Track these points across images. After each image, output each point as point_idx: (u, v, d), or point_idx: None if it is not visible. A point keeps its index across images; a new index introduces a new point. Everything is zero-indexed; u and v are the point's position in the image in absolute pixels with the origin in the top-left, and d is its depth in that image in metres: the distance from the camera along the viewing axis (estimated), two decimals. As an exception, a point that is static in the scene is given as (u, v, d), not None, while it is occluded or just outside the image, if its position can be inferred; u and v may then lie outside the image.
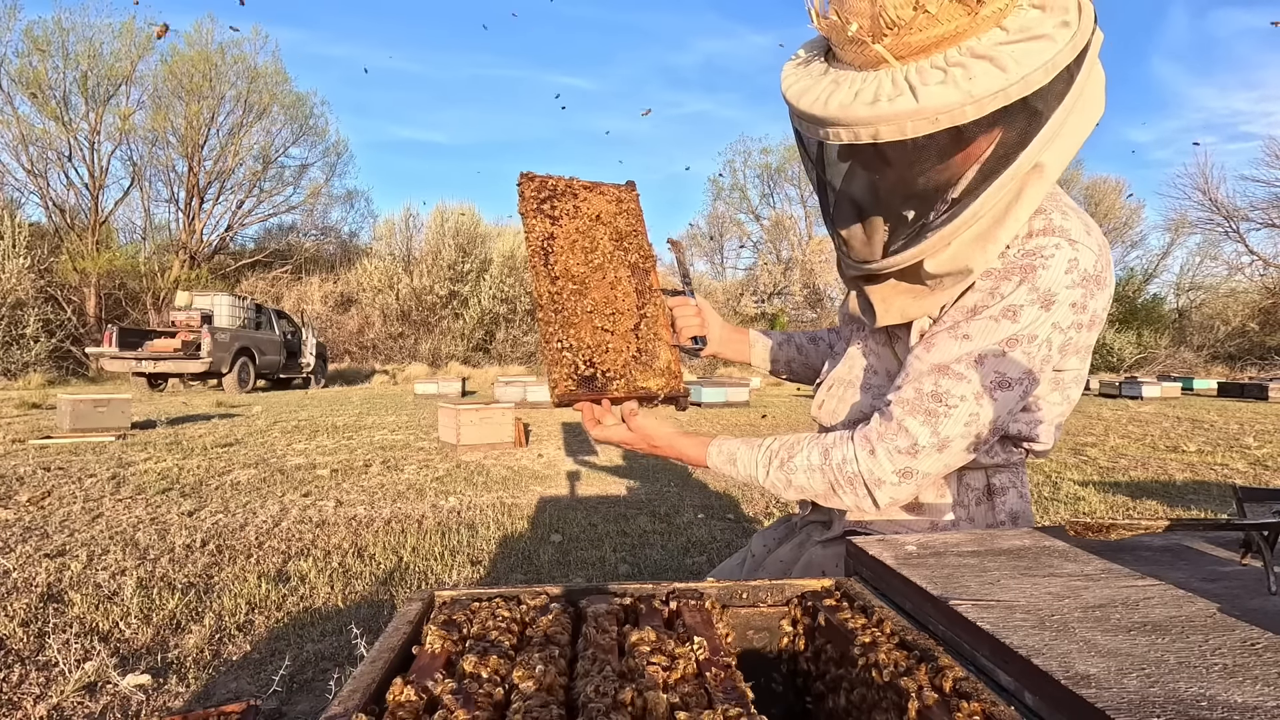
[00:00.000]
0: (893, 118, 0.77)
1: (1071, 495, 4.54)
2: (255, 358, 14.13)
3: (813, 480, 0.97)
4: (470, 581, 2.91)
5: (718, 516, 4.04)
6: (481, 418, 6.22)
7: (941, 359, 0.90)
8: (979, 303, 0.89)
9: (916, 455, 0.90)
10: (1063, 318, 0.87)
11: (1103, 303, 0.91)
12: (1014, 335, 0.86)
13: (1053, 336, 0.87)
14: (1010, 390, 0.88)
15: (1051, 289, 0.85)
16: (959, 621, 0.62)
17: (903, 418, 0.90)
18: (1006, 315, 0.86)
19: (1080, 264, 0.86)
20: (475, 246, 26.83)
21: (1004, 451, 1.03)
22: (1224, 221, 27.32)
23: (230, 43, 22.84)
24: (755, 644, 0.78)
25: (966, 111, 0.76)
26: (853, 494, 0.95)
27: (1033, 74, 0.76)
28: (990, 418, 0.89)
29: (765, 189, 31.80)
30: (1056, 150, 0.83)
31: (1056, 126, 0.80)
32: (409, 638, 0.64)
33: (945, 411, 0.88)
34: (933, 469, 0.91)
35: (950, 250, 0.88)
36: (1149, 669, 0.51)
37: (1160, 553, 0.80)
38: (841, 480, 0.95)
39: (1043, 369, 0.89)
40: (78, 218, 21.57)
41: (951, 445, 0.89)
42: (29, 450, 5.83)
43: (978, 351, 0.87)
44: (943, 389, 0.89)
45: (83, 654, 2.09)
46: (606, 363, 1.07)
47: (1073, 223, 0.88)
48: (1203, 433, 8.01)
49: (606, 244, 1.15)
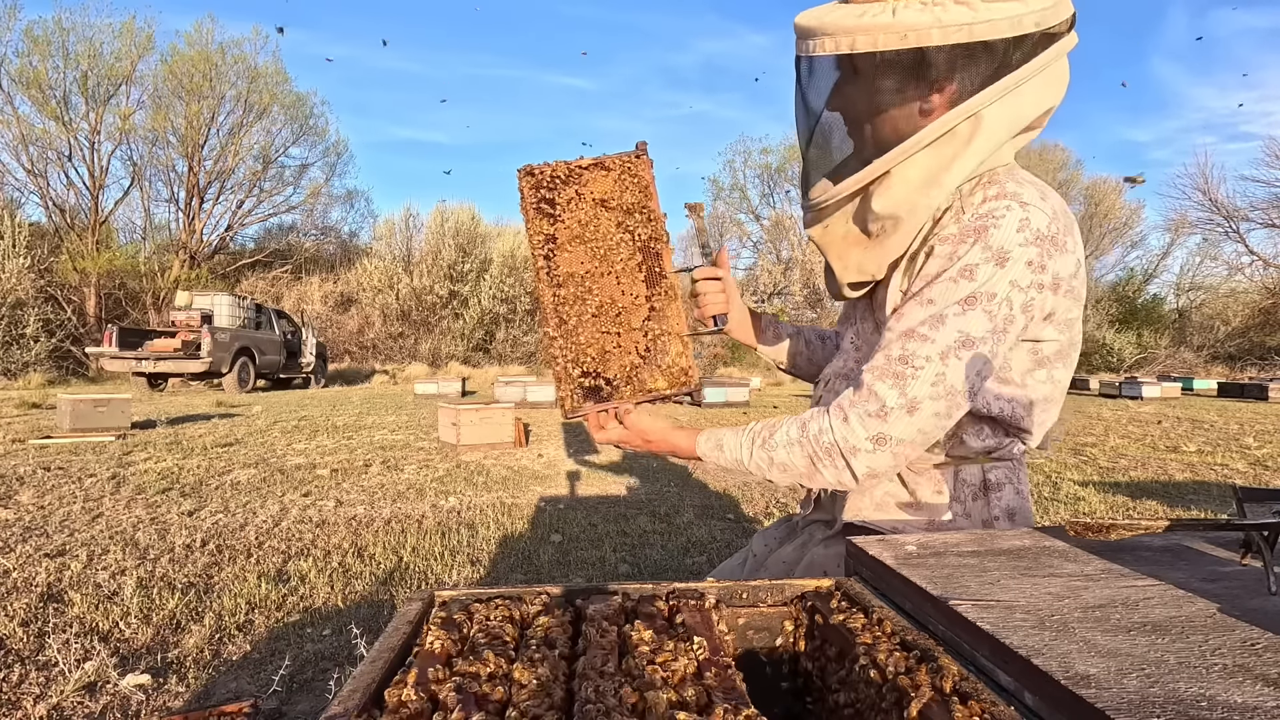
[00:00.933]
0: (869, 29, 0.89)
1: (1071, 495, 4.54)
2: (255, 358, 14.13)
3: (793, 455, 0.97)
4: (470, 581, 2.91)
5: (718, 516, 4.04)
6: (481, 418, 6.22)
7: (908, 325, 0.93)
8: (939, 268, 0.92)
9: (886, 418, 0.91)
10: (1020, 275, 0.89)
11: (1066, 267, 0.92)
12: (972, 293, 0.89)
13: (1012, 295, 0.89)
14: (974, 349, 0.90)
15: (1004, 246, 0.89)
16: (959, 621, 0.62)
17: (872, 383, 0.93)
18: (964, 275, 0.90)
19: (1032, 223, 0.89)
20: (475, 246, 26.82)
21: (995, 437, 1.02)
22: (1224, 221, 27.33)
23: (230, 42, 22.87)
24: (755, 644, 0.78)
25: (933, 34, 0.87)
26: (831, 466, 0.95)
27: (999, 21, 0.87)
28: (958, 377, 0.90)
29: (765, 189, 31.81)
30: (1004, 112, 0.90)
31: (1009, 85, 0.89)
32: (409, 638, 0.64)
33: (912, 373, 0.90)
34: (906, 434, 0.91)
35: (894, 191, 0.94)
36: (1149, 669, 0.51)
37: (1160, 553, 0.80)
38: (819, 452, 0.95)
39: (1006, 328, 0.90)
40: (78, 218, 21.56)
41: (921, 407, 0.90)
42: (29, 450, 5.83)
43: (939, 313, 0.90)
44: (909, 351, 0.91)
45: (83, 654, 2.09)
46: (611, 370, 1.05)
47: (1026, 189, 0.92)
48: (1203, 433, 8.01)
49: (612, 230, 1.09)
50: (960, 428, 1.02)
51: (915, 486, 1.05)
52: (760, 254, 30.15)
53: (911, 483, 1.05)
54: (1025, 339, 0.96)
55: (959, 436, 1.03)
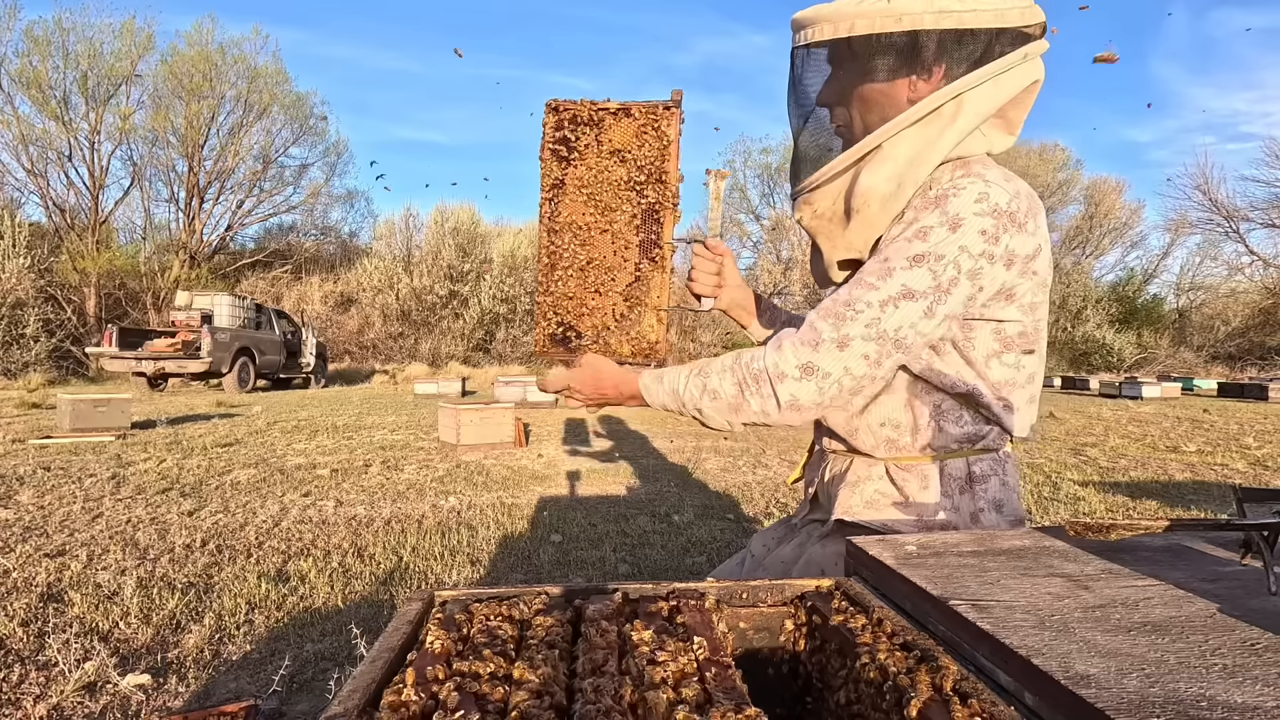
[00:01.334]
0: (868, 14, 0.96)
1: (1071, 495, 4.54)
2: (255, 358, 14.12)
3: (724, 381, 0.99)
4: (470, 581, 2.91)
5: (717, 516, 4.04)
6: (481, 418, 6.22)
7: (860, 275, 0.98)
8: (899, 232, 0.97)
9: (818, 349, 0.95)
10: (971, 243, 0.93)
11: (1023, 247, 0.96)
12: (922, 253, 0.94)
13: (960, 259, 0.93)
14: (914, 301, 0.93)
15: (959, 214, 0.93)
16: (959, 622, 0.62)
17: (814, 320, 0.97)
18: (918, 235, 0.94)
19: (991, 198, 0.94)
20: (475, 246, 26.83)
21: (975, 424, 1.04)
22: (1224, 221, 27.33)
23: (230, 42, 22.87)
24: (755, 644, 0.78)
25: (925, 19, 0.94)
26: (757, 394, 0.97)
27: (984, 12, 0.94)
28: (891, 325, 0.94)
29: (765, 189, 31.81)
30: (984, 97, 0.96)
31: (992, 72, 0.95)
32: (409, 638, 0.64)
33: (851, 315, 0.95)
34: (833, 369, 0.94)
35: (884, 167, 0.98)
36: (1149, 669, 0.51)
37: (1160, 553, 0.80)
38: (749, 378, 0.98)
39: (950, 289, 0.94)
40: (78, 218, 21.56)
41: (851, 345, 0.94)
42: (29, 450, 5.83)
43: (889, 267, 0.95)
44: (853, 296, 0.96)
45: (83, 654, 2.09)
46: (584, 325, 1.06)
47: (992, 171, 0.97)
48: (1203, 433, 8.01)
49: (621, 185, 1.07)
50: (940, 414, 1.04)
51: (903, 483, 1.07)
52: (760, 254, 30.16)
53: (900, 479, 1.07)
54: (986, 318, 0.99)
55: (939, 424, 1.04)
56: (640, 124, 1.09)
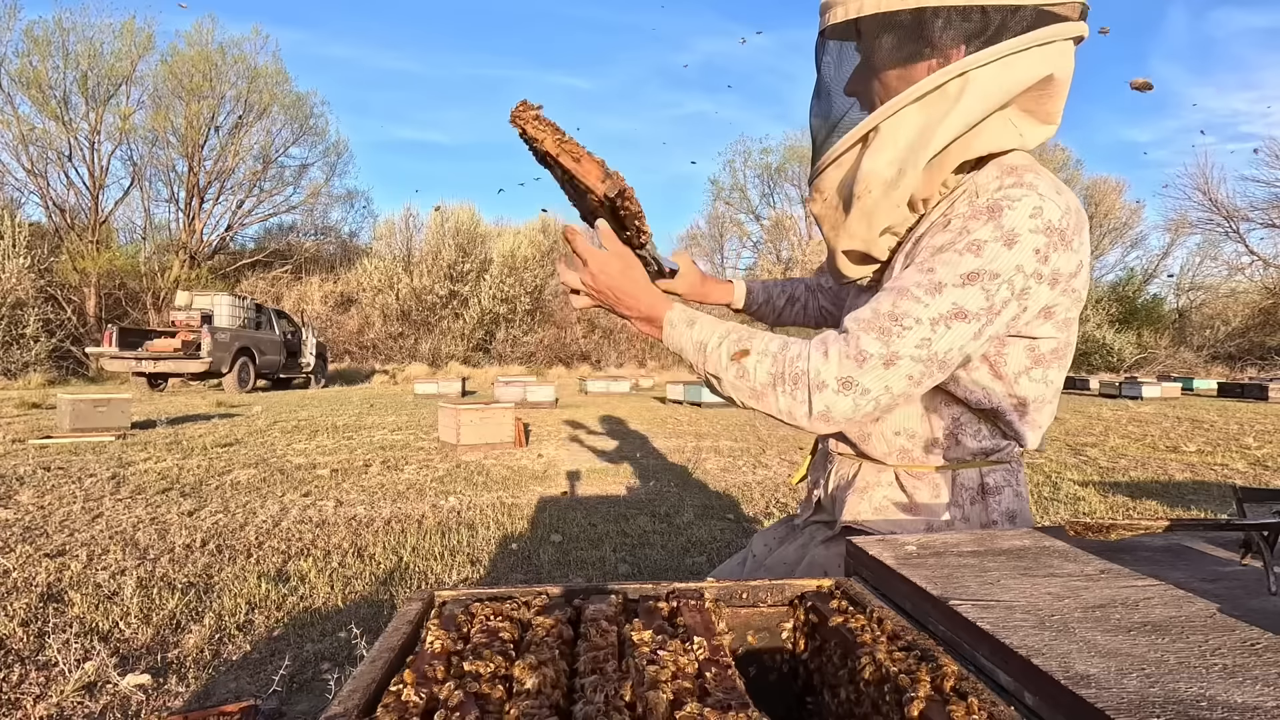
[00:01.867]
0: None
1: (1071, 495, 4.54)
2: (255, 358, 14.12)
3: (761, 365, 0.93)
4: (470, 581, 2.91)
5: (718, 516, 4.04)
6: (481, 418, 6.22)
7: (904, 285, 0.91)
8: (947, 241, 0.91)
9: (863, 364, 0.89)
10: (1025, 261, 0.88)
11: (1067, 265, 0.91)
12: (976, 270, 0.88)
13: (1014, 278, 0.88)
14: (967, 323, 0.88)
15: (1015, 229, 0.88)
16: (959, 621, 0.62)
17: (858, 333, 0.90)
18: (970, 249, 0.89)
19: (1045, 213, 0.89)
20: (475, 246, 26.84)
21: (992, 439, 1.02)
22: (1224, 222, 27.33)
23: (230, 42, 22.88)
24: (755, 644, 0.78)
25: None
26: (790, 395, 0.91)
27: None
28: (943, 346, 0.88)
29: (765, 189, 31.84)
30: (995, 78, 0.89)
31: (1000, 51, 0.88)
32: (409, 638, 0.64)
33: (900, 331, 0.88)
34: (873, 386, 0.89)
35: (884, 150, 0.93)
36: (1149, 669, 0.51)
37: (1160, 553, 0.80)
38: (787, 374, 0.91)
39: (1002, 310, 0.89)
40: (78, 218, 21.56)
41: (899, 364, 0.88)
42: (29, 450, 5.83)
43: (939, 281, 0.89)
44: (901, 310, 0.89)
45: (83, 654, 2.09)
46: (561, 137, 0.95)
47: (1043, 181, 0.91)
48: (1203, 433, 8.01)
49: None
50: (958, 427, 1.02)
51: (913, 490, 1.05)
52: (760, 254, 30.17)
53: (910, 486, 1.05)
54: (1022, 335, 0.95)
55: (956, 437, 1.02)
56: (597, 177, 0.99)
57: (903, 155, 0.92)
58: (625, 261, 1.01)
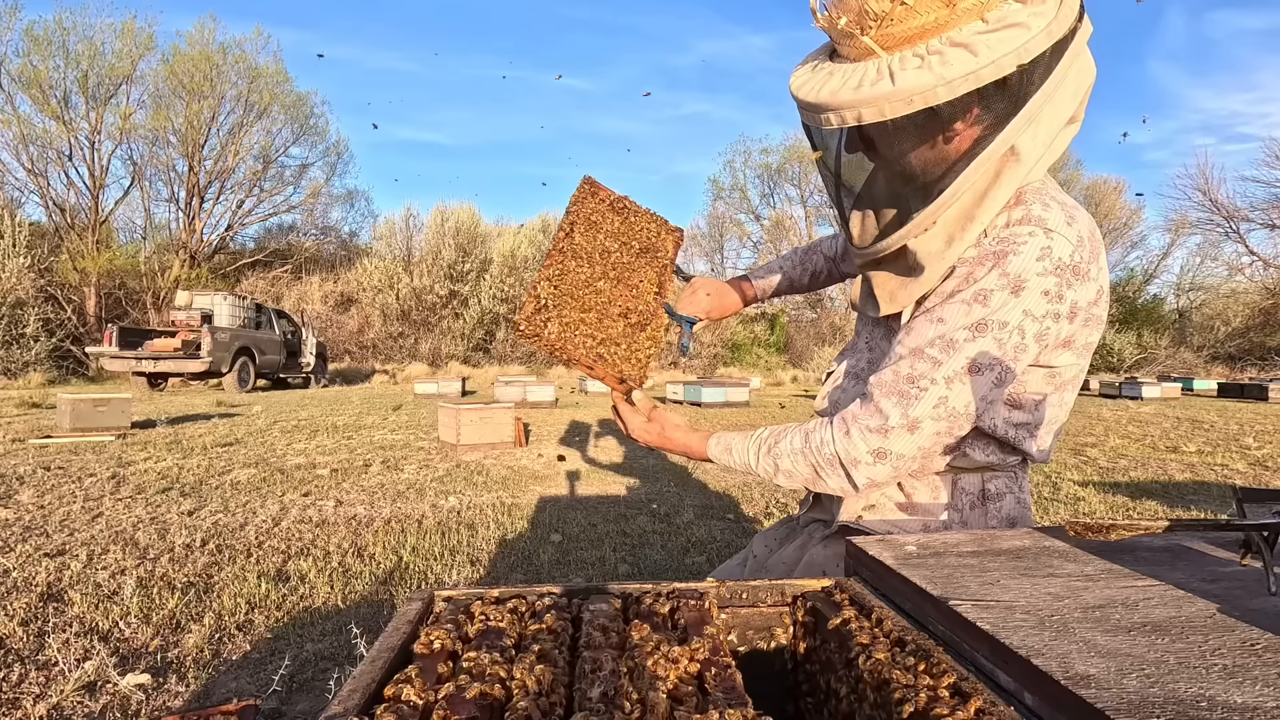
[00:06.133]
0: (872, 100, 0.83)
1: (1071, 495, 4.54)
2: (255, 357, 14.13)
3: (797, 464, 0.99)
4: (470, 581, 2.91)
5: (718, 516, 4.04)
6: (481, 418, 6.21)
7: (918, 343, 0.92)
8: (955, 287, 0.91)
9: (888, 435, 0.92)
10: (1034, 305, 0.87)
11: (1085, 295, 0.90)
12: (983, 320, 0.88)
13: (1025, 324, 0.88)
14: (981, 375, 0.89)
15: (1021, 275, 0.86)
16: (959, 622, 0.62)
17: (879, 399, 0.93)
18: (977, 300, 0.88)
19: (1054, 252, 0.87)
20: (475, 246, 26.84)
21: (999, 454, 1.02)
22: (1224, 222, 27.32)
23: (231, 42, 22.87)
24: (755, 644, 0.78)
25: (939, 93, 0.81)
26: (834, 475, 0.97)
27: (1003, 59, 0.80)
28: (961, 401, 0.90)
29: (765, 189, 31.86)
30: (1034, 136, 0.86)
31: (1033, 111, 0.84)
32: (409, 637, 0.64)
33: (916, 394, 0.90)
34: (906, 450, 0.92)
35: (936, 233, 0.92)
36: (1149, 669, 0.51)
37: (1160, 553, 0.80)
38: (822, 462, 0.97)
39: (1017, 357, 0.89)
40: (78, 217, 21.55)
41: (922, 427, 0.91)
42: (29, 450, 5.83)
43: (949, 335, 0.90)
44: (916, 372, 0.91)
45: (82, 653, 2.09)
46: (565, 318, 1.04)
47: (1053, 213, 0.89)
48: (1203, 433, 8.00)
49: (626, 258, 1.13)
50: (964, 442, 1.01)
51: (912, 491, 1.05)
52: (760, 254, 30.17)
53: (909, 487, 1.05)
54: (1041, 364, 0.95)
55: (962, 449, 1.02)
56: (647, 229, 1.17)
57: (952, 232, 0.91)
58: (657, 422, 1.12)
